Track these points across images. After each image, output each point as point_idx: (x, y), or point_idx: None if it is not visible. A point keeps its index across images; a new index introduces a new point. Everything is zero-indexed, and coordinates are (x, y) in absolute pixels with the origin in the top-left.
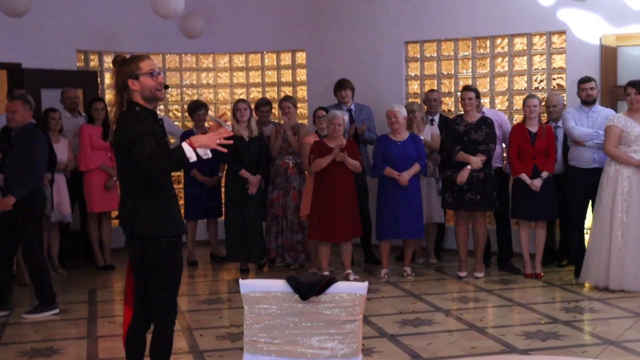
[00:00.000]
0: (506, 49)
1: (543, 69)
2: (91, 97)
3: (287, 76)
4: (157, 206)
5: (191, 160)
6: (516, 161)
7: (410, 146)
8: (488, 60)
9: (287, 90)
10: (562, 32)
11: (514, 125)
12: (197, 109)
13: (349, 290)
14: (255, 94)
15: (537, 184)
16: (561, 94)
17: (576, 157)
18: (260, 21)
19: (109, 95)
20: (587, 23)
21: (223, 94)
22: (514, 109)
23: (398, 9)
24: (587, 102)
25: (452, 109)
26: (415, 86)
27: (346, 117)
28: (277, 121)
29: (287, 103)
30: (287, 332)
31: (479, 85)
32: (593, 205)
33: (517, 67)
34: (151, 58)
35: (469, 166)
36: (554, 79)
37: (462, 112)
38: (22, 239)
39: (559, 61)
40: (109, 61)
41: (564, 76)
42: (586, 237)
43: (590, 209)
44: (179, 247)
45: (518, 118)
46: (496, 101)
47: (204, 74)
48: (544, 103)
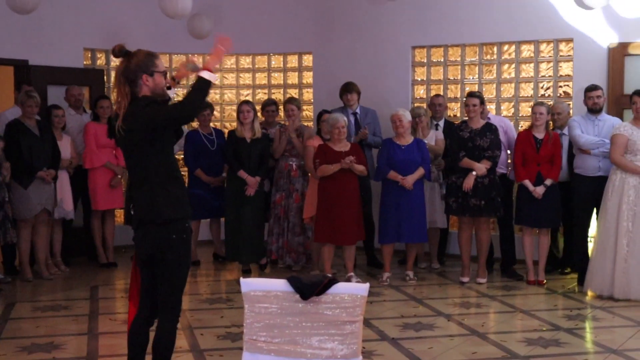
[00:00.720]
0: (513, 55)
1: (550, 76)
2: (97, 95)
3: (293, 78)
4: (175, 190)
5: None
6: (520, 167)
7: (415, 150)
8: (495, 66)
9: (293, 93)
10: (570, 40)
11: (520, 131)
12: (202, 109)
13: (350, 291)
14: (261, 95)
15: (539, 191)
16: (567, 101)
17: (581, 165)
18: (268, 23)
19: (114, 94)
20: (595, 31)
21: (229, 94)
22: (520, 115)
23: (405, 13)
24: (594, 110)
25: (458, 114)
26: (421, 91)
27: (339, 121)
28: (283, 122)
29: (291, 105)
30: (287, 331)
31: (485, 92)
32: (597, 213)
33: (523, 74)
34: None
35: (474, 172)
36: (560, 86)
37: (467, 118)
38: None
39: (565, 69)
40: (115, 60)
41: (570, 84)
42: (590, 245)
43: (594, 217)
44: (189, 243)
45: (524, 125)
46: (502, 107)
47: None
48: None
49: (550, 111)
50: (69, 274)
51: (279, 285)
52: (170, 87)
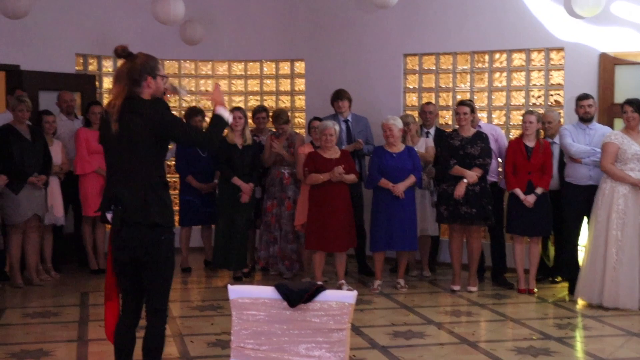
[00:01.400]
0: (505, 64)
1: (541, 84)
2: (89, 101)
3: (285, 85)
4: (164, 196)
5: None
6: (511, 176)
7: (406, 158)
8: (486, 74)
9: (285, 100)
10: (561, 49)
11: (511, 140)
12: (194, 115)
13: (338, 298)
14: (254, 102)
15: (530, 199)
16: (558, 110)
17: (572, 173)
18: (260, 30)
19: (106, 99)
20: (586, 40)
21: None
22: (511, 124)
23: (397, 21)
24: (585, 119)
25: (450, 122)
26: (413, 98)
27: (337, 127)
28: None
29: (280, 125)
30: (274, 339)
31: (477, 100)
32: (588, 222)
33: (515, 83)
34: None
35: (465, 180)
36: (551, 95)
37: (458, 127)
38: None
39: (556, 77)
40: (107, 65)
41: (561, 92)
42: (580, 254)
43: (585, 225)
44: (174, 244)
45: (515, 133)
46: (493, 116)
47: (202, 81)
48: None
49: (541, 120)
50: (59, 280)
51: (266, 292)
52: (165, 93)
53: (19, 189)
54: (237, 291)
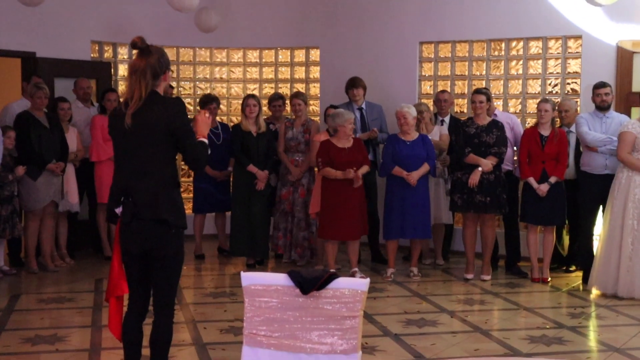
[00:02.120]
0: (521, 52)
1: (558, 73)
2: (104, 88)
3: (300, 73)
4: (176, 196)
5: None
6: (525, 164)
7: (420, 146)
8: (502, 62)
9: (300, 87)
10: (578, 37)
11: (526, 128)
12: (208, 102)
13: (350, 286)
14: (268, 89)
15: (543, 188)
16: (575, 98)
17: (588, 162)
18: (275, 17)
19: (121, 87)
20: (604, 28)
21: (236, 88)
22: (527, 112)
23: (413, 9)
24: (602, 107)
25: (465, 110)
26: (428, 87)
27: (351, 117)
28: (290, 117)
29: (298, 100)
30: (287, 325)
31: (493, 88)
32: (603, 211)
33: (531, 71)
34: None
35: (479, 168)
36: (568, 83)
37: (473, 115)
38: None
39: (573, 66)
40: (123, 52)
41: (578, 81)
42: (595, 243)
43: (600, 215)
44: (183, 239)
45: (531, 121)
46: (509, 104)
47: (217, 68)
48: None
49: (556, 108)
50: (73, 267)
51: (279, 279)
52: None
53: (37, 176)
54: (249, 278)
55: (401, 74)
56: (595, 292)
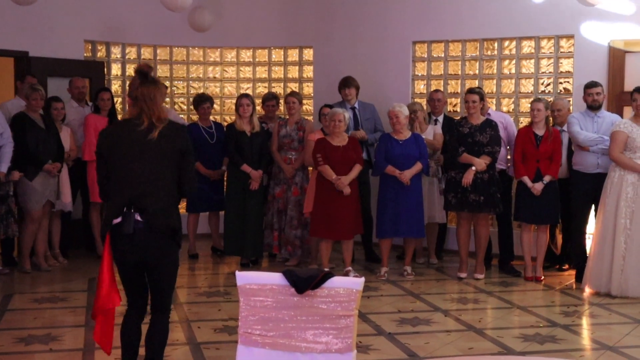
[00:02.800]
0: (514, 51)
1: (550, 72)
2: (98, 88)
3: (293, 72)
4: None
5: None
6: (520, 164)
7: (413, 145)
8: (495, 62)
9: (294, 87)
10: (571, 37)
11: (520, 127)
12: (202, 102)
13: (345, 285)
14: (262, 89)
15: (538, 187)
16: (567, 98)
17: (580, 161)
18: (269, 17)
19: (115, 86)
20: (596, 28)
21: (229, 88)
22: (520, 111)
23: (406, 8)
24: (593, 107)
25: (458, 109)
26: (421, 86)
27: (347, 114)
28: (283, 116)
29: (293, 98)
30: (282, 325)
31: (485, 87)
32: (596, 210)
33: (524, 70)
34: None
35: (473, 167)
36: (560, 82)
37: (467, 114)
38: None
39: (566, 65)
40: (116, 52)
41: (570, 80)
42: (588, 242)
43: (592, 214)
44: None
45: (524, 121)
46: (502, 103)
47: (210, 68)
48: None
49: (549, 107)
50: (67, 266)
51: (274, 278)
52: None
53: (33, 177)
54: (244, 277)
55: (394, 73)
56: (588, 291)
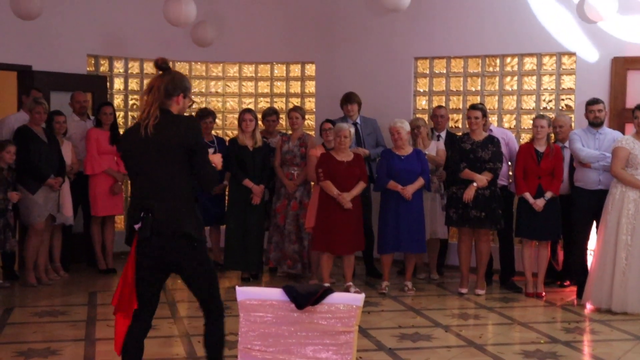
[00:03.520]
0: (516, 68)
1: (552, 89)
2: (100, 102)
3: (295, 87)
4: (196, 212)
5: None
6: (521, 180)
7: (414, 161)
8: (497, 78)
9: (296, 102)
10: (572, 54)
11: (521, 144)
12: (204, 116)
13: (345, 301)
14: (264, 104)
15: (539, 203)
16: (569, 114)
17: (582, 178)
18: (271, 32)
19: (117, 100)
20: (598, 45)
21: (231, 102)
22: (522, 127)
23: (408, 24)
24: (595, 123)
25: (460, 125)
26: (423, 102)
27: (352, 130)
28: (285, 132)
29: (296, 113)
30: (282, 340)
31: (487, 103)
32: (597, 226)
33: (525, 87)
34: None
35: (474, 183)
36: (562, 99)
37: (469, 130)
38: None
39: (568, 82)
40: (119, 66)
41: (572, 97)
42: (589, 258)
43: (594, 230)
44: (206, 252)
45: (525, 137)
46: (504, 120)
47: (213, 83)
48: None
49: (552, 124)
50: (68, 280)
51: (274, 294)
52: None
53: (35, 190)
54: (244, 292)
55: (396, 89)
56: (589, 307)
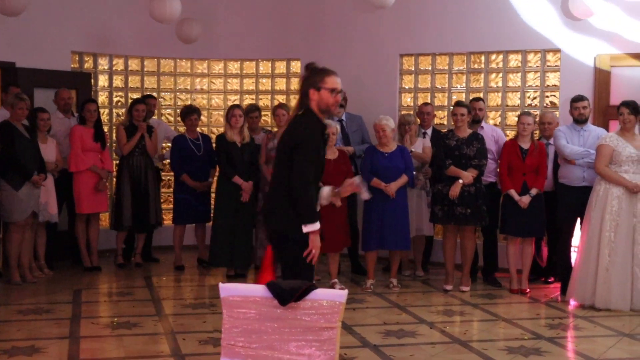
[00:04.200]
0: (500, 65)
1: (537, 86)
2: (84, 99)
3: (281, 84)
4: (286, 207)
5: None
6: (506, 177)
7: (398, 157)
8: (482, 75)
9: (281, 99)
10: (557, 51)
11: (506, 141)
12: (189, 113)
13: (329, 297)
14: (249, 101)
15: (525, 200)
16: (554, 111)
17: (566, 175)
18: (256, 29)
19: (101, 97)
20: (582, 43)
21: (217, 99)
22: (507, 124)
23: (394, 21)
24: (579, 120)
25: (445, 122)
26: (408, 99)
27: (338, 127)
28: (269, 128)
29: (282, 110)
30: (265, 337)
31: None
32: (581, 223)
33: (510, 84)
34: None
35: (460, 180)
36: (547, 96)
37: (454, 127)
38: None
39: (552, 79)
40: (103, 63)
41: (557, 94)
42: (573, 255)
43: (578, 226)
44: (300, 246)
45: (510, 134)
46: (489, 116)
47: (198, 80)
48: (537, 120)
49: (539, 121)
50: (52, 278)
51: (257, 290)
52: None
53: (19, 186)
54: (228, 289)
55: (382, 86)
56: (573, 303)
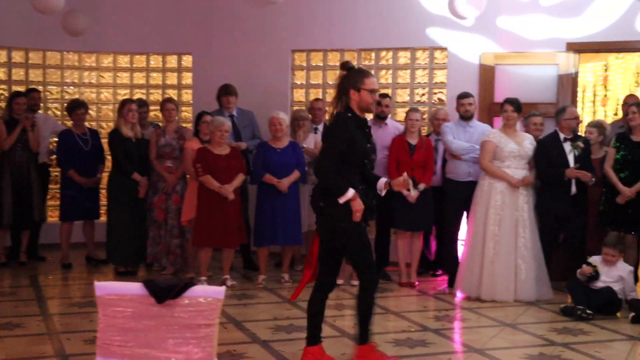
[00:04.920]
0: (390, 61)
1: (425, 83)
2: None
3: (172, 79)
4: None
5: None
6: (395, 172)
7: (290, 153)
8: (372, 71)
9: (172, 94)
10: (444, 49)
11: (394, 137)
12: (76, 108)
13: (206, 294)
14: (139, 95)
15: (413, 195)
16: (442, 107)
17: (453, 170)
18: (147, 22)
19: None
20: (468, 41)
21: (106, 94)
22: (396, 120)
23: (286, 17)
24: (465, 117)
25: None
26: (300, 95)
27: (224, 123)
28: (159, 123)
29: (170, 104)
30: (142, 335)
31: None
32: (467, 217)
33: (400, 80)
34: (374, 77)
35: None
36: (435, 93)
37: None
38: None
39: (440, 76)
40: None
41: (444, 91)
42: (460, 248)
43: (464, 220)
44: (349, 233)
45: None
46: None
47: (86, 73)
48: (425, 116)
49: (433, 117)
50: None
51: (133, 288)
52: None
53: None
54: (103, 288)
55: (274, 81)
56: (460, 296)
